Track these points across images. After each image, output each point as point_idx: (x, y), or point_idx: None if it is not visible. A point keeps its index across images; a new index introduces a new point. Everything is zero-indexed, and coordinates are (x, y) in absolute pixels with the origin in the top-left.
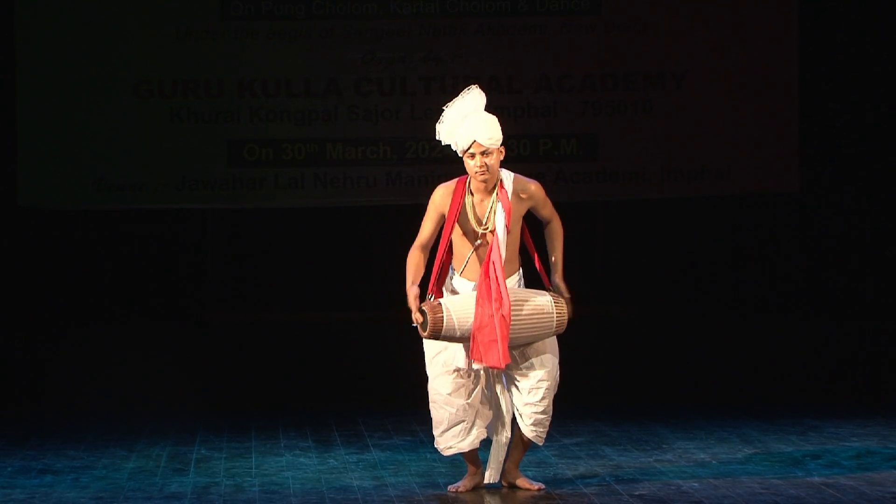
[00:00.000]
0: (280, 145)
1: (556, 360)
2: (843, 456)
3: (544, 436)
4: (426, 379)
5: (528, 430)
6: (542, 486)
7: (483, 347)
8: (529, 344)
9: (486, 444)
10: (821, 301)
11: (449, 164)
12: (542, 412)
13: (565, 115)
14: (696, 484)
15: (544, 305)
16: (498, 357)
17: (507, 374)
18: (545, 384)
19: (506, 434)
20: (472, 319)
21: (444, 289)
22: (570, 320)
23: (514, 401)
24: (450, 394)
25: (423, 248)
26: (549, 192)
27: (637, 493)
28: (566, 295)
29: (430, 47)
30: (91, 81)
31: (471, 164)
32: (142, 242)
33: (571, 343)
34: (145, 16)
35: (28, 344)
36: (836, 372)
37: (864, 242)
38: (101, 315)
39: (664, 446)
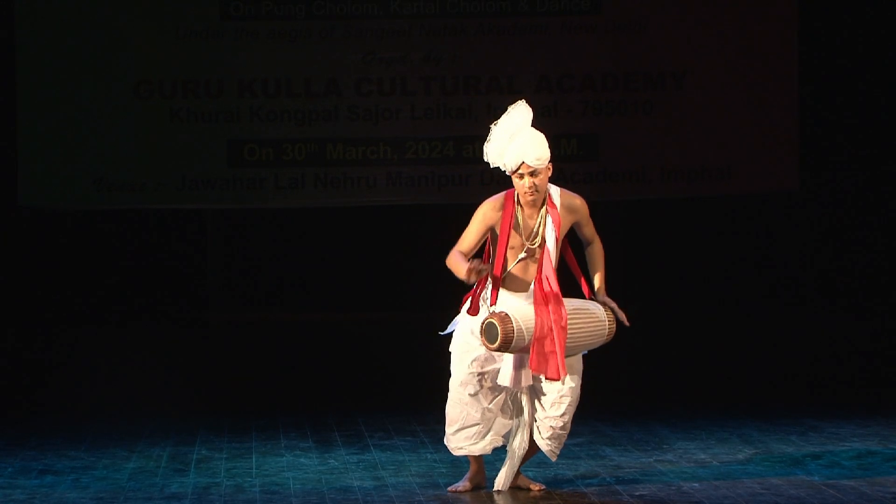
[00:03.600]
0: (280, 145)
1: (580, 377)
2: (844, 456)
3: (558, 451)
4: (448, 375)
5: (543, 444)
6: (544, 487)
7: (542, 358)
8: (585, 350)
9: (499, 450)
10: (821, 301)
11: (448, 164)
12: (562, 427)
13: (565, 115)
14: (696, 484)
15: (598, 313)
16: (556, 369)
17: (532, 388)
18: (568, 399)
19: (523, 444)
20: (533, 330)
21: (482, 301)
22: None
23: (535, 413)
24: (473, 395)
25: (464, 255)
26: None
27: (637, 493)
28: (618, 309)
29: (430, 47)
30: (91, 81)
31: (520, 184)
32: (142, 242)
33: None
34: (146, 16)
35: (28, 344)
36: (837, 372)
37: (864, 242)
38: (101, 315)
39: (664, 446)
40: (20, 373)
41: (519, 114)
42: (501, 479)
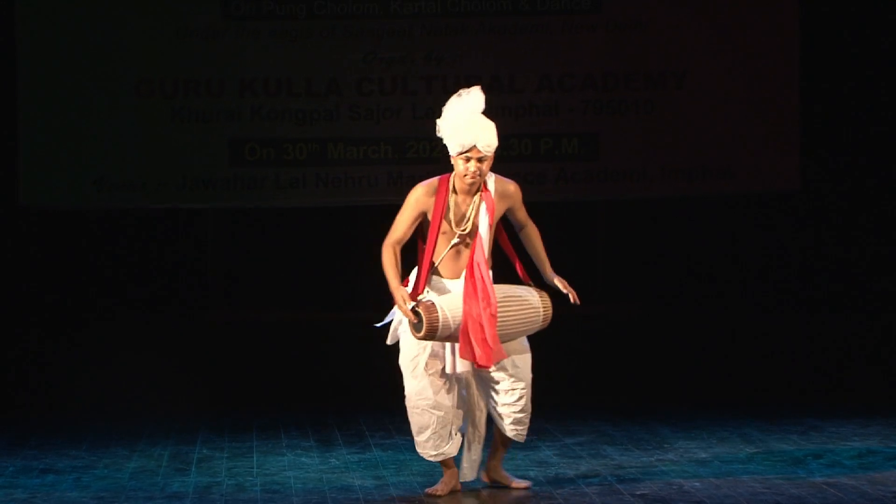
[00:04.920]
0: (281, 145)
1: (529, 359)
2: (845, 455)
3: (525, 433)
4: (402, 384)
5: (509, 430)
6: (530, 484)
7: (471, 346)
8: (512, 340)
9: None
10: (822, 300)
11: (449, 164)
12: (521, 411)
13: (566, 114)
14: (697, 483)
15: (531, 300)
16: (487, 356)
17: (481, 377)
18: (520, 385)
19: (478, 433)
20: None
21: (423, 287)
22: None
23: (491, 402)
24: (436, 396)
25: (399, 244)
26: (551, 191)
27: (639, 492)
28: (567, 286)
29: (431, 47)
30: (92, 80)
31: (463, 167)
32: (143, 241)
33: (573, 342)
34: (147, 15)
35: (29, 343)
36: (838, 371)
37: (865, 241)
38: (102, 314)
39: (665, 446)
40: (21, 372)
41: (474, 99)
42: (465, 471)
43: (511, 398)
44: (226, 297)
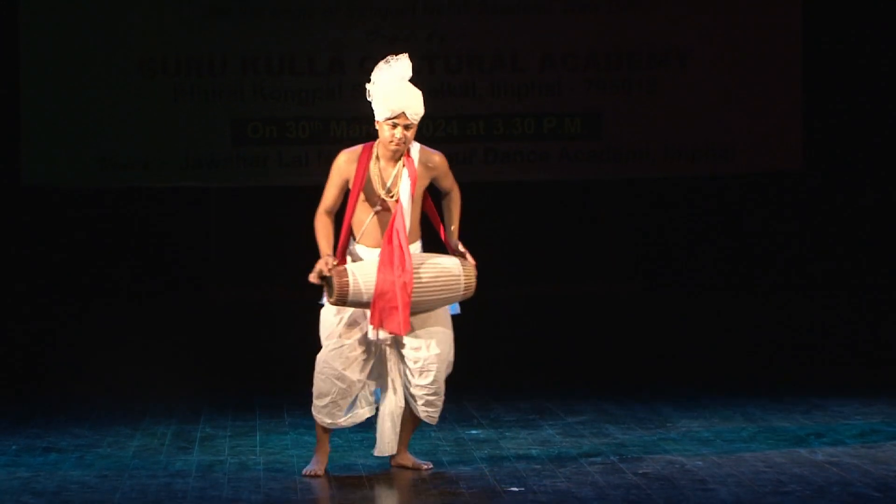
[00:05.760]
0: (284, 123)
1: (450, 340)
2: (848, 434)
3: (437, 416)
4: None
5: (420, 411)
6: (431, 466)
7: (383, 314)
8: (430, 311)
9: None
10: (825, 279)
11: (452, 142)
12: (433, 393)
13: (569, 93)
14: (700, 462)
15: (452, 268)
16: (398, 324)
17: (398, 354)
18: (435, 366)
19: (398, 405)
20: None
21: (346, 255)
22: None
23: (405, 382)
24: (344, 370)
25: (329, 212)
26: (554, 171)
27: (641, 471)
28: (469, 257)
29: (434, 25)
30: (95, 59)
31: (389, 133)
32: (146, 220)
33: (575, 321)
34: None
35: (32, 322)
36: (841, 350)
37: (868, 220)
38: (105, 293)
39: (668, 425)
40: (24, 351)
41: (403, 66)
42: (384, 445)
43: (424, 380)
44: (229, 275)
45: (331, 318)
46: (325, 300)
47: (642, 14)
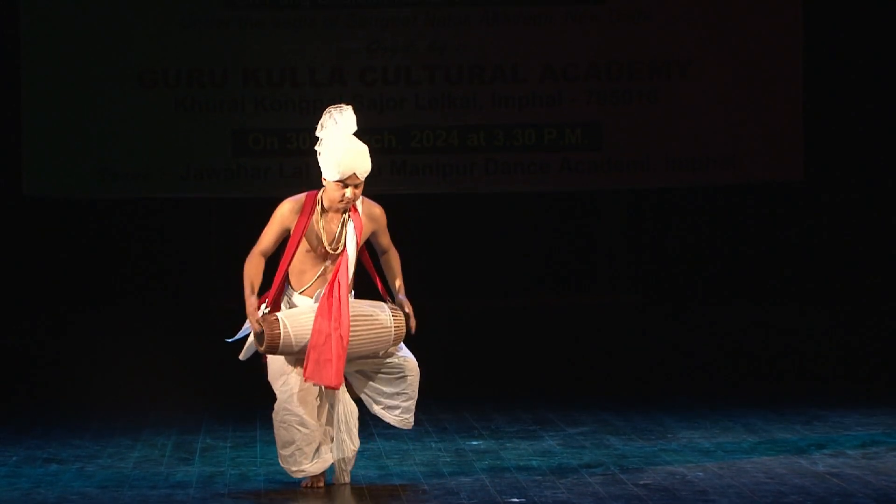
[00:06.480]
0: (285, 134)
1: (405, 350)
2: (849, 445)
3: (413, 419)
4: (273, 399)
5: (398, 420)
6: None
7: (317, 366)
8: (366, 358)
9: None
10: (825, 290)
11: (452, 153)
12: (409, 398)
13: (570, 104)
14: (700, 473)
15: (384, 320)
16: (331, 376)
17: (362, 375)
18: (406, 369)
19: (353, 447)
20: (309, 336)
21: (281, 304)
22: (407, 333)
23: (378, 398)
24: (304, 414)
25: (264, 255)
26: (554, 182)
27: (642, 482)
28: (409, 310)
29: (434, 36)
30: (95, 70)
31: (339, 193)
32: (146, 231)
33: (575, 332)
34: (150, 4)
35: (32, 333)
36: (841, 361)
37: (869, 230)
38: (105, 304)
39: (669, 436)
40: (24, 362)
41: (347, 120)
42: (339, 473)
43: (400, 386)
44: (229, 286)
45: (280, 367)
46: (244, 352)
47: (643, 24)
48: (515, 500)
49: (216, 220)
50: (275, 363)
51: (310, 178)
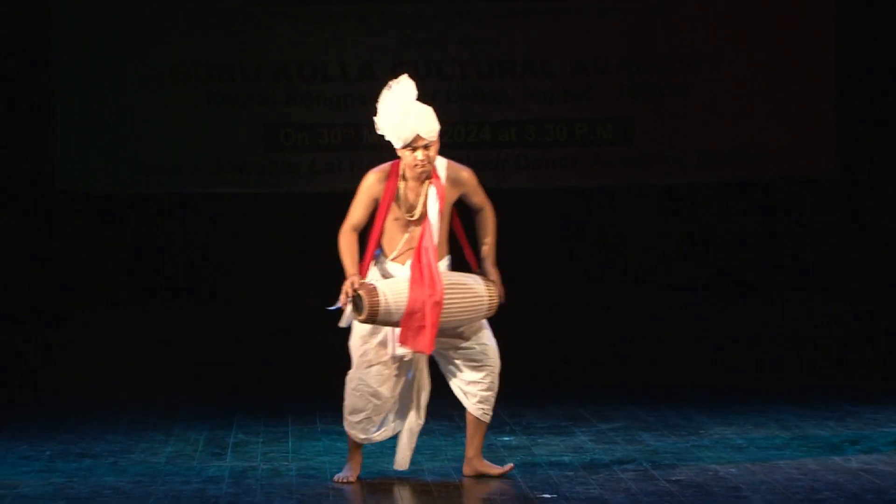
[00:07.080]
0: (316, 130)
1: (493, 337)
2: (882, 441)
3: (491, 413)
4: (349, 365)
5: (475, 409)
6: (513, 466)
7: (412, 333)
8: (462, 327)
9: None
10: (858, 286)
11: (484, 149)
12: (488, 389)
13: (601, 99)
14: (733, 469)
15: (477, 289)
16: (426, 343)
17: (444, 356)
18: (489, 360)
19: (418, 421)
20: (406, 304)
21: (374, 270)
22: (500, 304)
23: (457, 382)
24: (378, 387)
25: (356, 230)
26: (585, 177)
27: (674, 478)
28: (497, 279)
29: (465, 31)
30: (128, 65)
31: (411, 158)
32: (178, 226)
33: (608, 327)
34: (182, 0)
35: (65, 328)
36: (875, 357)
37: None
38: (138, 299)
39: (701, 432)
40: (57, 356)
41: (404, 89)
42: (400, 459)
43: (478, 375)
44: (261, 281)
45: (365, 336)
46: (344, 319)
47: (674, 18)
48: (547, 495)
49: (247, 215)
50: (357, 332)
51: (341, 172)
